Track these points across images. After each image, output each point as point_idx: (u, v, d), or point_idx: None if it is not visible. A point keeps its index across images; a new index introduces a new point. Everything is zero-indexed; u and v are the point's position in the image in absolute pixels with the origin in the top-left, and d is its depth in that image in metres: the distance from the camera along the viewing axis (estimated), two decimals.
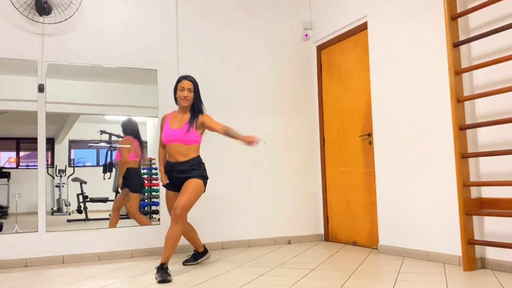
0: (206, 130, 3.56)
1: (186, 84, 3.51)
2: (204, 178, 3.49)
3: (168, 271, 3.17)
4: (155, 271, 3.33)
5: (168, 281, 3.10)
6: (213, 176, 4.64)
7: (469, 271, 3.15)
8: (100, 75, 4.34)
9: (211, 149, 4.65)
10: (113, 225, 4.25)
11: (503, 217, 3.12)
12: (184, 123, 3.49)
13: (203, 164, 3.55)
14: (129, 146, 4.37)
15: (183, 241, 4.46)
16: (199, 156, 3.53)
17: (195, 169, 3.46)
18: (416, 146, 3.77)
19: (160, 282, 3.09)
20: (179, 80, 3.54)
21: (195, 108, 3.54)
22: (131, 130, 4.37)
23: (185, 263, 3.77)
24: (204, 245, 3.83)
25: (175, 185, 3.54)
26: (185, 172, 3.45)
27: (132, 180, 4.33)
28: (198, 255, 3.80)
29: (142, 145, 4.38)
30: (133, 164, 4.36)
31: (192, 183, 3.40)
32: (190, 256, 3.85)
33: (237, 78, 4.86)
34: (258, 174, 4.84)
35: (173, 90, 3.58)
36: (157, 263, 3.85)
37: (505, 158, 3.13)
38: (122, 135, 4.36)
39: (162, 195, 4.44)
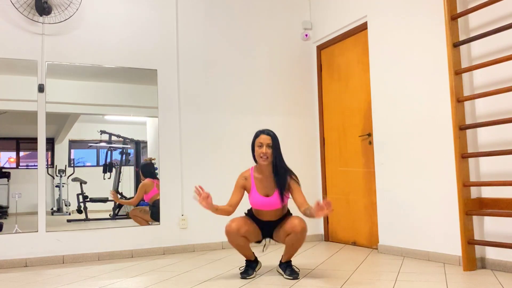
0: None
1: (264, 139, 3.10)
2: None
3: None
4: (285, 271, 3.15)
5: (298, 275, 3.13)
6: (212, 176, 4.64)
7: (469, 271, 3.15)
8: (100, 75, 4.34)
9: (210, 150, 4.65)
10: (146, 223, 4.40)
11: (503, 217, 3.12)
12: (274, 190, 3.13)
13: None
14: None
15: (185, 242, 4.46)
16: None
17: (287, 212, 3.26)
18: (416, 146, 3.77)
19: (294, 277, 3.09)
20: (257, 135, 3.15)
21: (278, 167, 3.13)
22: (149, 173, 4.50)
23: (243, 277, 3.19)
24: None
25: (262, 229, 3.24)
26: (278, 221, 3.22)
27: (157, 210, 4.46)
28: (254, 265, 3.27)
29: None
30: (157, 196, 4.46)
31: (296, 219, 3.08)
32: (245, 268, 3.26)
33: (237, 78, 4.86)
34: None
35: (251, 147, 3.20)
36: (156, 263, 3.85)
37: (505, 158, 3.13)
38: (142, 177, 4.50)
39: (163, 196, 4.45)
